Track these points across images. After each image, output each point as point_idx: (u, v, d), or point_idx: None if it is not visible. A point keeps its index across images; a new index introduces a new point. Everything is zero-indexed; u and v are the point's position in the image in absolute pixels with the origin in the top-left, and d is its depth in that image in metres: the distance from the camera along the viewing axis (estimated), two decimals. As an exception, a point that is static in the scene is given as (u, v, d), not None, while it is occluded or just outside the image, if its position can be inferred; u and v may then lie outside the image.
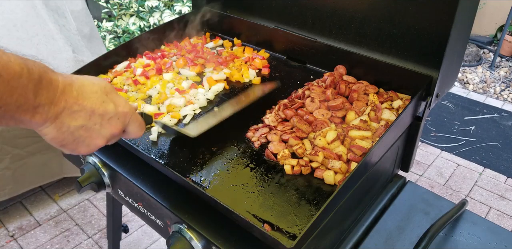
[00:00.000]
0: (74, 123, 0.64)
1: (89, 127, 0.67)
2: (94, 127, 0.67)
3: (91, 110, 0.66)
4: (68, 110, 0.63)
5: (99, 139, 0.69)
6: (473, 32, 4.59)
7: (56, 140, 0.65)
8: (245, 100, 1.13)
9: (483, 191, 2.66)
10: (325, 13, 1.21)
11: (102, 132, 0.69)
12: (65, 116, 0.63)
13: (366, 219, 1.06)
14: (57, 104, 0.61)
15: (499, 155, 2.95)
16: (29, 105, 0.57)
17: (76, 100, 0.64)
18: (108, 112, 0.68)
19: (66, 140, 0.66)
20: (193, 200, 0.91)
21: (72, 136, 0.66)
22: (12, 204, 2.50)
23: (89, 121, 0.66)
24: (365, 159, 0.83)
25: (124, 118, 0.72)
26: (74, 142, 0.67)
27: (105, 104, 0.68)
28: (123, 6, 3.35)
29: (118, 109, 0.70)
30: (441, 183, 2.72)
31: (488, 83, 3.89)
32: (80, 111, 0.65)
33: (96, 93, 0.67)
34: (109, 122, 0.69)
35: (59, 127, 0.63)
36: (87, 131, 0.67)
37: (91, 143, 0.69)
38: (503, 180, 2.74)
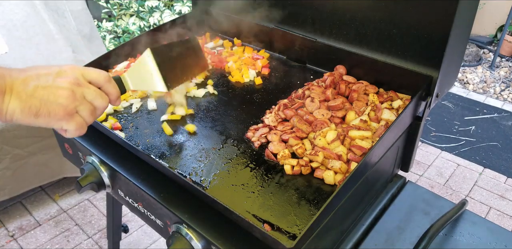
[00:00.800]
0: (27, 87, 0.67)
1: (43, 84, 0.69)
2: (47, 83, 0.69)
3: (36, 73, 0.69)
4: (16, 79, 0.67)
5: (60, 90, 0.70)
6: (473, 32, 4.59)
7: (26, 110, 0.67)
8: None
9: (483, 191, 2.66)
10: (325, 13, 1.21)
11: (58, 83, 0.70)
12: (18, 86, 0.66)
13: (366, 219, 1.06)
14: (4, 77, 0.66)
15: (499, 155, 2.95)
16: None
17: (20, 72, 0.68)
18: (51, 71, 0.71)
19: (34, 105, 0.67)
20: (193, 200, 0.91)
21: (35, 99, 0.67)
22: (12, 204, 2.50)
23: (39, 80, 0.69)
24: (365, 159, 0.83)
25: (72, 70, 0.73)
26: (43, 104, 0.68)
27: (47, 67, 0.72)
28: (123, 6, 3.35)
29: (61, 67, 0.72)
30: (441, 183, 2.71)
31: (488, 83, 3.88)
32: (27, 78, 0.68)
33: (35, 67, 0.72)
34: (59, 75, 0.71)
35: (19, 97, 0.66)
36: (44, 89, 0.68)
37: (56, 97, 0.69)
38: (503, 180, 2.74)
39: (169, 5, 3.44)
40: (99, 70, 0.77)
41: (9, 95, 0.66)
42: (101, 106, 0.78)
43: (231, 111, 1.14)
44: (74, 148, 1.17)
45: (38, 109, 0.68)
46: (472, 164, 2.87)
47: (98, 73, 0.76)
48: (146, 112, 1.14)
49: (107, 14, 3.47)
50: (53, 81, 0.70)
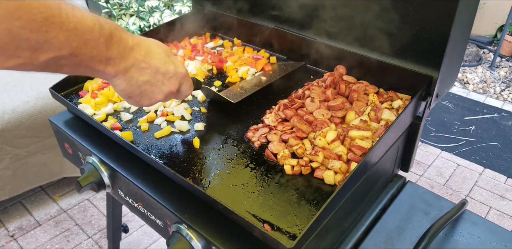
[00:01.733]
0: (141, 78, 0.75)
1: (153, 83, 0.78)
2: (157, 83, 0.79)
3: (156, 68, 0.77)
4: (137, 66, 0.74)
5: (159, 94, 0.81)
6: (473, 32, 4.59)
7: (125, 91, 0.77)
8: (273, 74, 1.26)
9: (483, 191, 2.66)
10: (325, 13, 1.21)
11: (163, 88, 0.81)
12: (134, 71, 0.74)
13: (366, 219, 1.06)
14: (127, 59, 0.71)
15: (499, 155, 2.95)
16: (101, 56, 0.66)
17: (144, 58, 0.74)
18: (169, 71, 0.80)
19: (134, 93, 0.77)
20: (193, 200, 0.91)
21: (139, 90, 0.77)
22: (12, 204, 2.50)
23: (153, 77, 0.77)
24: (365, 159, 0.83)
25: (181, 78, 0.84)
26: (139, 95, 0.78)
27: (167, 65, 0.79)
28: (123, 6, 3.35)
29: (177, 70, 0.82)
30: (441, 183, 2.72)
31: (488, 83, 3.88)
32: (147, 69, 0.75)
33: (160, 54, 0.78)
34: (169, 81, 0.81)
35: (128, 80, 0.74)
36: (151, 86, 0.78)
37: (152, 97, 0.80)
38: (503, 180, 2.74)
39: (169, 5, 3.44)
40: (192, 84, 0.90)
41: (122, 75, 0.73)
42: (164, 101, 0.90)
43: (231, 111, 1.15)
44: (74, 148, 1.17)
45: (134, 96, 0.78)
46: (472, 164, 2.87)
47: (189, 88, 0.89)
48: (146, 112, 1.14)
49: (107, 14, 3.46)
50: (162, 83, 0.80)
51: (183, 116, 1.11)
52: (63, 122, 1.18)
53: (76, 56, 0.62)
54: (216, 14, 1.48)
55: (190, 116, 1.12)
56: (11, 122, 2.05)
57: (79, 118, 1.19)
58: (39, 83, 2.20)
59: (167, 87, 0.81)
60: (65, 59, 0.61)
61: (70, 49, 0.60)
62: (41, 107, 2.13)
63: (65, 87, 1.21)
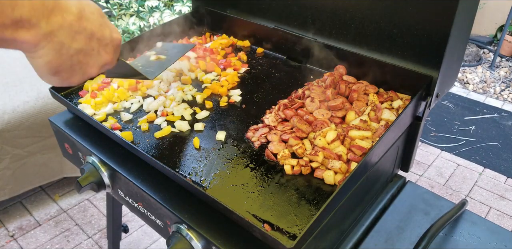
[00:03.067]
0: (74, 45, 0.59)
1: (88, 52, 0.62)
2: (92, 53, 0.63)
3: (91, 32, 0.61)
4: (68, 28, 0.57)
5: (94, 68, 0.65)
6: (473, 32, 4.59)
7: (52, 64, 0.59)
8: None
9: (483, 191, 2.66)
10: (325, 13, 1.21)
11: (98, 59, 0.65)
12: (64, 35, 0.57)
13: (366, 219, 1.06)
14: (50, 18, 0.54)
15: (499, 155, 2.95)
16: (4, 18, 0.50)
17: (77, 18, 0.58)
18: (105, 37, 0.64)
19: (63, 66, 0.60)
20: (193, 200, 0.91)
21: (70, 61, 0.60)
22: (12, 204, 2.50)
23: (88, 45, 0.61)
24: (365, 159, 0.83)
25: (117, 47, 0.69)
26: (70, 69, 0.62)
27: (103, 28, 0.63)
28: (123, 6, 3.35)
29: (113, 35, 0.66)
30: (441, 183, 2.71)
31: (488, 83, 3.88)
32: (81, 33, 0.59)
33: (94, 14, 0.62)
34: (104, 49, 0.65)
35: (58, 49, 0.57)
36: (85, 57, 0.62)
37: (86, 71, 0.64)
38: (503, 180, 2.74)
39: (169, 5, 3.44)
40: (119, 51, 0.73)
41: (47, 42, 0.56)
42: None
43: (231, 111, 1.15)
44: (74, 148, 1.17)
45: (62, 69, 0.61)
46: (472, 164, 2.87)
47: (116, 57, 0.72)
48: (146, 112, 1.14)
49: (107, 14, 3.46)
50: (97, 53, 0.64)
51: (183, 116, 1.11)
52: (63, 122, 1.18)
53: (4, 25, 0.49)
54: (216, 14, 1.48)
55: (190, 116, 1.12)
56: (11, 122, 2.05)
57: (79, 118, 1.19)
58: (39, 83, 2.20)
59: (103, 57, 0.65)
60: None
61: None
62: (41, 107, 2.13)
63: (65, 87, 1.21)
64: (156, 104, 1.14)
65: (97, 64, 0.65)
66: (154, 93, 1.19)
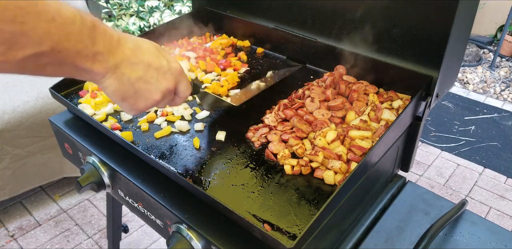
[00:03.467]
0: (134, 74, 0.68)
1: (147, 79, 0.70)
2: (151, 80, 0.71)
3: (148, 63, 0.70)
4: (127, 61, 0.67)
5: (156, 93, 0.73)
6: (473, 32, 4.59)
7: (118, 92, 0.69)
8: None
9: (483, 191, 2.66)
10: (325, 13, 1.21)
11: (159, 85, 0.73)
12: (125, 67, 0.67)
13: (366, 219, 1.06)
14: (115, 53, 0.64)
15: (499, 155, 2.95)
16: (87, 51, 0.59)
17: (133, 52, 0.68)
18: (162, 66, 0.73)
19: (127, 93, 0.70)
20: (193, 200, 0.91)
21: (133, 88, 0.69)
22: (12, 204, 2.50)
23: (146, 73, 0.70)
24: (365, 159, 0.83)
25: (177, 74, 0.76)
26: (134, 95, 0.71)
27: (159, 59, 0.72)
28: (123, 6, 3.35)
29: (171, 65, 0.74)
30: (441, 183, 2.72)
31: (488, 83, 3.88)
32: (138, 64, 0.68)
33: (150, 48, 0.72)
34: (164, 77, 0.73)
35: (120, 78, 0.67)
36: (146, 84, 0.71)
37: (149, 97, 0.72)
38: (503, 180, 2.74)
39: (169, 5, 3.44)
40: (189, 85, 0.81)
41: (112, 73, 0.66)
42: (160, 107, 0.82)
43: (231, 111, 1.15)
44: (74, 148, 1.17)
45: (129, 97, 0.71)
46: (472, 164, 2.87)
47: (187, 89, 0.80)
48: (146, 112, 1.14)
49: (107, 14, 3.46)
50: (157, 80, 0.72)
51: (183, 116, 1.11)
52: (63, 122, 1.18)
53: (59, 52, 0.56)
54: (216, 14, 1.48)
55: (190, 116, 1.12)
56: (11, 122, 2.05)
57: (79, 118, 1.19)
58: (39, 83, 2.20)
59: (163, 84, 0.73)
60: (46, 56, 0.55)
61: (52, 44, 0.54)
62: (41, 107, 2.13)
63: (65, 87, 1.21)
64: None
65: (159, 90, 0.73)
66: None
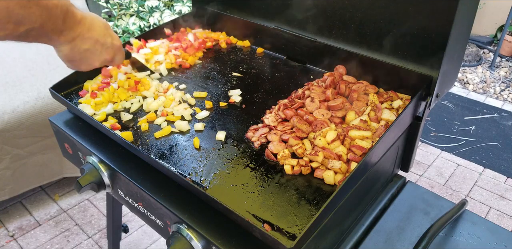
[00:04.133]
0: (83, 46, 0.90)
1: (93, 51, 0.93)
2: (95, 52, 0.94)
3: (96, 39, 0.92)
4: (81, 36, 0.88)
5: (96, 61, 0.97)
6: (473, 32, 4.59)
7: (68, 56, 0.91)
8: None
9: (483, 191, 2.66)
10: (325, 13, 1.21)
11: (100, 56, 0.97)
12: (79, 40, 0.89)
13: (366, 219, 1.06)
14: (75, 30, 0.86)
15: (499, 155, 2.95)
16: (58, 29, 0.81)
17: (88, 30, 0.89)
18: (106, 43, 0.96)
19: (74, 58, 0.92)
20: (193, 200, 0.91)
21: (80, 56, 0.92)
22: (12, 204, 2.50)
23: (93, 47, 0.93)
24: (365, 159, 0.83)
25: (116, 49, 1.01)
26: (79, 60, 0.93)
27: (106, 37, 0.95)
28: (123, 6, 3.35)
29: (113, 42, 0.99)
30: (441, 183, 2.72)
31: (488, 83, 3.88)
32: (89, 39, 0.91)
33: (101, 27, 0.93)
34: (106, 50, 0.97)
35: (72, 47, 0.89)
36: (91, 54, 0.94)
37: (91, 63, 0.96)
38: (503, 180, 2.74)
39: (169, 5, 3.44)
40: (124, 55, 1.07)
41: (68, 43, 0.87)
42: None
43: (231, 111, 1.15)
44: (74, 148, 1.17)
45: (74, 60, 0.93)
46: (472, 164, 2.87)
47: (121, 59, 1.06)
48: (146, 112, 1.14)
49: (107, 14, 3.46)
50: (100, 52, 0.95)
51: (183, 116, 1.11)
52: (63, 122, 1.18)
53: (43, 28, 0.76)
54: (216, 14, 1.48)
55: (190, 116, 1.12)
56: (11, 122, 2.05)
57: (79, 118, 1.19)
58: (39, 83, 2.19)
59: (104, 55, 0.97)
60: (35, 31, 0.76)
61: (41, 22, 0.75)
62: (41, 107, 2.13)
63: (65, 87, 1.21)
64: (156, 104, 1.14)
65: (99, 60, 0.98)
66: (151, 95, 1.19)
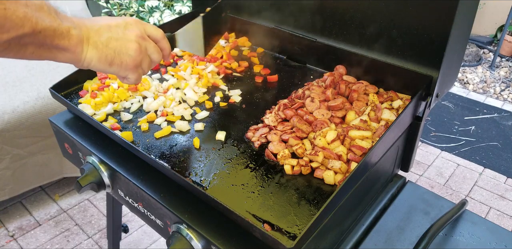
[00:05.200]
0: (102, 37, 0.74)
1: (115, 36, 0.77)
2: (118, 36, 0.77)
3: (107, 24, 0.77)
4: (92, 30, 0.74)
5: (130, 43, 0.78)
6: (473, 32, 4.59)
7: (102, 59, 0.75)
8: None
9: (483, 191, 2.66)
10: (325, 13, 1.21)
11: (128, 36, 0.78)
12: (94, 35, 0.74)
13: (366, 219, 1.06)
14: (81, 26, 0.72)
15: (499, 155, 2.95)
16: (62, 28, 0.66)
17: (91, 21, 0.75)
18: (119, 22, 0.79)
19: (109, 55, 0.76)
20: (193, 200, 0.91)
21: (110, 49, 0.75)
22: (12, 204, 2.50)
23: (111, 32, 0.76)
24: (365, 159, 0.83)
25: (136, 23, 0.82)
26: (115, 54, 0.76)
27: (114, 19, 0.79)
28: (123, 6, 3.35)
29: (125, 20, 0.81)
30: (441, 183, 2.71)
31: (488, 83, 3.88)
32: (100, 28, 0.75)
33: (101, 17, 0.79)
34: (126, 28, 0.79)
35: (95, 46, 0.73)
36: (116, 40, 0.77)
37: (127, 49, 0.78)
38: (503, 180, 2.74)
39: (169, 5, 3.44)
40: (155, 27, 0.86)
41: (87, 45, 0.72)
42: (157, 60, 0.86)
43: (231, 111, 1.15)
44: (74, 148, 1.17)
45: (112, 58, 0.76)
46: (472, 164, 2.87)
47: (156, 29, 0.85)
48: (146, 112, 1.14)
49: (107, 14, 3.47)
50: (123, 33, 0.78)
51: (183, 116, 1.11)
52: (63, 122, 1.18)
53: (39, 32, 0.63)
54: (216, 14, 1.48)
55: (190, 116, 1.12)
56: (11, 122, 2.05)
57: (79, 118, 1.19)
58: (39, 83, 2.20)
59: (131, 33, 0.79)
60: (28, 37, 0.62)
61: (31, 25, 0.61)
62: (41, 107, 2.13)
63: (65, 87, 1.21)
64: (156, 104, 1.14)
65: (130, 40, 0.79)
66: (151, 95, 1.19)
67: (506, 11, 3.97)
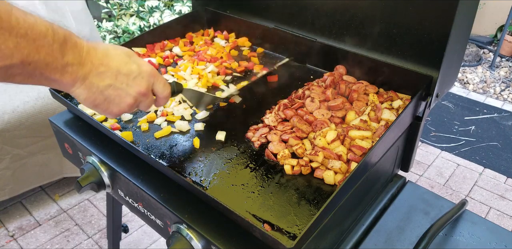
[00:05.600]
0: (102, 83, 0.70)
1: (117, 86, 0.71)
2: (121, 86, 0.72)
3: (117, 70, 0.71)
4: (95, 70, 0.68)
5: (127, 98, 0.74)
6: (473, 32, 4.58)
7: (89, 100, 0.71)
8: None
9: (483, 191, 2.65)
10: (325, 13, 1.21)
11: (129, 90, 0.73)
12: (93, 77, 0.68)
13: (366, 219, 1.06)
14: (84, 64, 0.66)
15: (499, 155, 2.94)
16: (57, 63, 0.62)
17: (101, 61, 0.69)
18: (132, 71, 0.73)
19: (98, 100, 0.71)
20: (193, 200, 0.91)
21: (102, 96, 0.71)
22: (12, 204, 2.50)
23: (116, 80, 0.71)
24: (365, 159, 0.83)
25: (149, 77, 0.76)
26: (105, 102, 0.72)
27: (129, 65, 0.73)
28: (123, 6, 3.35)
29: (141, 68, 0.74)
30: (441, 183, 2.71)
31: (488, 83, 3.88)
32: (107, 72, 0.70)
33: (119, 55, 0.72)
34: (134, 81, 0.73)
35: (89, 88, 0.69)
36: (115, 90, 0.72)
37: (120, 101, 0.73)
38: (503, 180, 2.74)
39: (169, 5, 3.44)
40: (166, 84, 0.82)
41: (80, 84, 0.68)
42: (144, 110, 0.84)
43: (231, 111, 1.14)
44: (74, 148, 1.17)
45: (100, 103, 0.72)
46: (472, 164, 2.87)
47: (164, 88, 0.81)
48: (145, 112, 1.14)
49: (107, 14, 3.47)
50: (127, 85, 0.73)
51: (183, 116, 1.11)
52: (63, 122, 1.18)
53: (29, 64, 0.59)
54: (216, 14, 1.48)
55: (190, 116, 1.12)
56: (11, 122, 2.05)
57: (79, 118, 1.19)
58: (39, 83, 2.19)
59: (134, 88, 0.73)
60: (16, 68, 0.58)
61: (22, 56, 0.57)
62: (41, 107, 2.13)
63: (65, 87, 1.21)
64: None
65: (130, 95, 0.74)
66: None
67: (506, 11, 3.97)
